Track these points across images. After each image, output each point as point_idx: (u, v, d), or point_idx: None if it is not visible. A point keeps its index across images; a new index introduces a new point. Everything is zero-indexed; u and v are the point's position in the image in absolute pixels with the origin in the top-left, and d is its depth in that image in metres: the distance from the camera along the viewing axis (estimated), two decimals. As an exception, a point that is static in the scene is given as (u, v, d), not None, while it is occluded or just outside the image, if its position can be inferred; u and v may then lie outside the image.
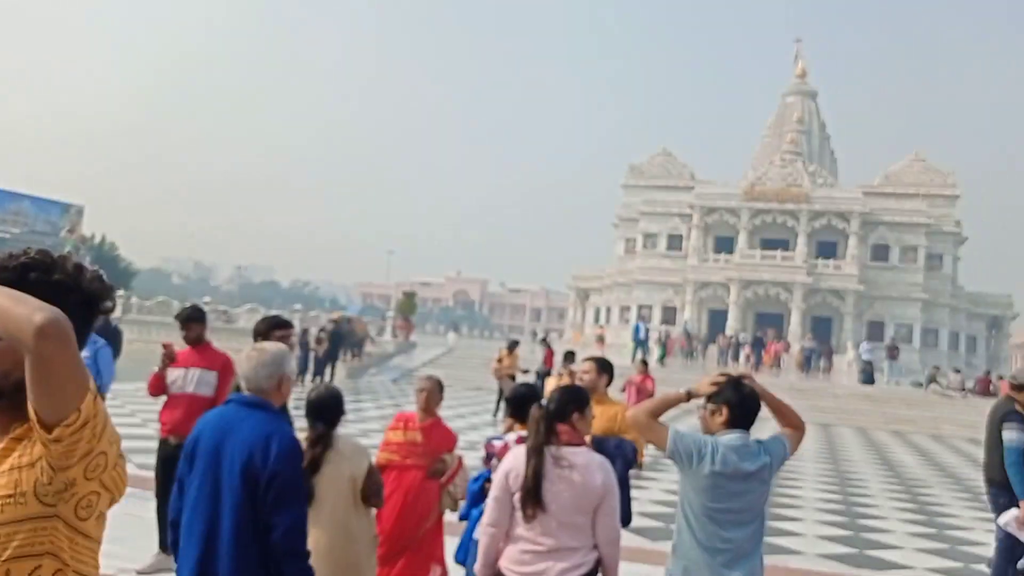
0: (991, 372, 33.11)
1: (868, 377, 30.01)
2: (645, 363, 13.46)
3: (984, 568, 8.07)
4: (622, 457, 4.40)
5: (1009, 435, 6.05)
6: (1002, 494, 6.19)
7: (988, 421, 6.51)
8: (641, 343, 33.73)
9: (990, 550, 8.84)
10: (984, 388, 28.17)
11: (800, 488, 12.00)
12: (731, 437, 3.40)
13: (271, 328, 4.63)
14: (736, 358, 39.66)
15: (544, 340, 21.04)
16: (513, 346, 17.35)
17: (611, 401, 4.92)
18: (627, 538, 5.79)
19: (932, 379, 28.82)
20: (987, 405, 26.28)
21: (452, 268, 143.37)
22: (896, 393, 27.58)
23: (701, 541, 3.33)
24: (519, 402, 4.16)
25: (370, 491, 3.80)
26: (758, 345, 37.91)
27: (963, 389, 27.66)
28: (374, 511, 4.04)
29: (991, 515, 11.17)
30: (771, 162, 52.05)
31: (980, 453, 20.25)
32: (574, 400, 3.59)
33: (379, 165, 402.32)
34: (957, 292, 51.48)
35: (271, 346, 3.17)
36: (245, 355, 3.11)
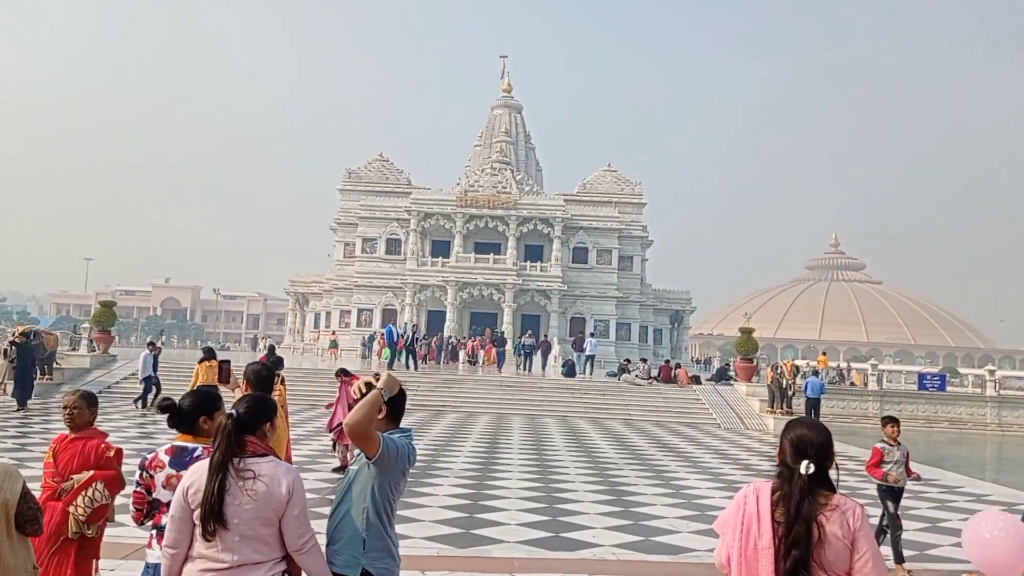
0: (671, 360, 36.92)
1: (570, 370, 32.14)
2: (345, 371, 13.25)
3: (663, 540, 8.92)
4: None
5: None
6: None
7: None
8: (394, 346, 32.99)
9: (669, 523, 9.83)
10: (666, 375, 31.27)
11: (507, 479, 12.55)
12: (403, 434, 3.60)
13: None
14: (455, 357, 40.73)
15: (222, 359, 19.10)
16: (209, 355, 16.42)
17: None
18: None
19: (623, 369, 31.52)
20: (669, 390, 29.25)
21: (161, 275, 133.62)
22: (593, 384, 29.81)
23: (390, 525, 3.52)
24: (162, 410, 3.99)
25: (24, 517, 3.42)
26: (528, 349, 37.98)
27: (649, 377, 30.52)
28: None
29: (681, 489, 12.38)
30: (482, 170, 54.21)
31: (663, 434, 22.29)
32: (266, 411, 3.48)
33: (76, 167, 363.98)
34: (645, 290, 56.95)
35: None
36: None
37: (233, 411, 3.34)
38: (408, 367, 32.19)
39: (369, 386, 3.56)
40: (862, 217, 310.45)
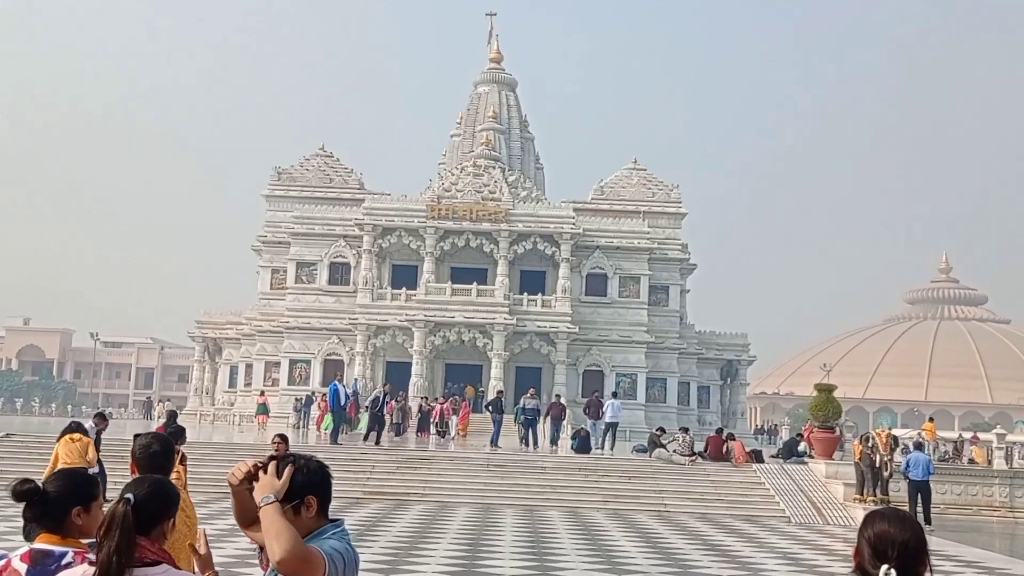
0: (722, 430, 36.68)
1: (583, 443, 32.00)
2: (283, 437, 13.28)
3: None
4: None
5: None
6: None
7: None
8: (342, 411, 32.77)
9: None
10: (716, 450, 31.05)
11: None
12: (336, 531, 3.46)
13: None
14: (424, 427, 40.50)
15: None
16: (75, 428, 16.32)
17: None
18: None
19: (656, 443, 31.35)
20: (720, 471, 29.13)
21: (17, 314, 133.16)
22: (615, 463, 29.70)
23: None
24: (20, 497, 3.92)
25: None
26: (532, 414, 35.27)
27: (692, 453, 30.38)
28: None
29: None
30: (462, 168, 54.54)
31: (712, 533, 22.27)
32: (172, 502, 3.55)
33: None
34: (686, 332, 56.84)
35: None
36: None
37: (129, 496, 3.29)
38: (367, 439, 31.20)
39: (256, 471, 3.39)
40: (982, 234, 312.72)
